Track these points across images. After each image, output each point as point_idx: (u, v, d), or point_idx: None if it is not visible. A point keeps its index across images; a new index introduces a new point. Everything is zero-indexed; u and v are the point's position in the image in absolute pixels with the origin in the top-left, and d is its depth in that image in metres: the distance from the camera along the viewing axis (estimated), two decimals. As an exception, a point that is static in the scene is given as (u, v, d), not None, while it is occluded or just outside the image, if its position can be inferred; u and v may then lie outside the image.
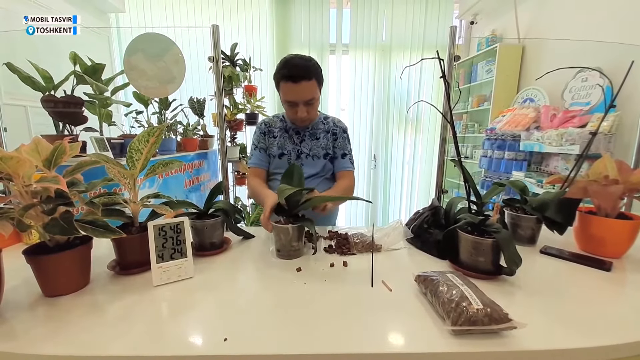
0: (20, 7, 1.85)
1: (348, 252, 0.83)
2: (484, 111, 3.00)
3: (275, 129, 1.18)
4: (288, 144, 1.16)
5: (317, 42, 3.19)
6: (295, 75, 0.98)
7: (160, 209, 0.70)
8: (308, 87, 1.00)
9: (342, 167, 1.17)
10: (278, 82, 1.03)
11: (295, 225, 0.78)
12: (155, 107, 2.08)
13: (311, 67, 1.00)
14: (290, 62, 1.01)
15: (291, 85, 0.99)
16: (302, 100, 1.03)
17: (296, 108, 1.05)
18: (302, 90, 1.00)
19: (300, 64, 1.00)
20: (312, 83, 1.01)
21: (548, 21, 2.54)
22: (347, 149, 1.19)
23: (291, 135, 1.17)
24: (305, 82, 0.99)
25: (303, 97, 1.02)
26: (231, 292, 0.64)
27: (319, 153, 1.16)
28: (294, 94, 1.01)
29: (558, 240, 0.93)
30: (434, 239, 0.83)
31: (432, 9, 3.27)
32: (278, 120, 1.21)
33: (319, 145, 1.16)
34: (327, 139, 1.17)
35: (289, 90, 1.01)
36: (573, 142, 1.93)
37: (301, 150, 1.16)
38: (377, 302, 0.60)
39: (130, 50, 0.89)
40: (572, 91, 2.21)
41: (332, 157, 1.18)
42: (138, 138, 0.70)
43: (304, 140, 1.16)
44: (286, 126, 1.18)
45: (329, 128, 1.19)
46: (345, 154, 1.18)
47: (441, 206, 0.92)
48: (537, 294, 0.64)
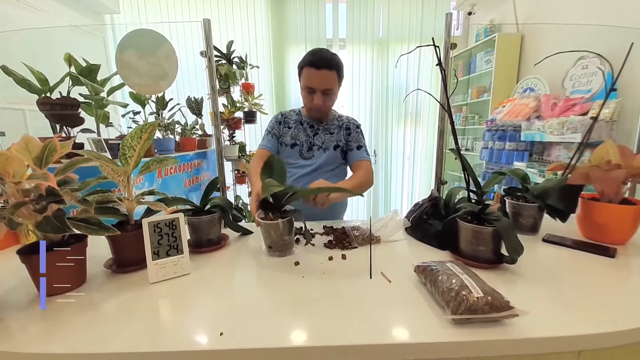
0: (14, 10, 1.84)
1: (349, 245, 0.82)
2: (483, 102, 2.97)
3: (290, 121, 1.23)
4: (301, 135, 1.20)
5: (314, 37, 3.16)
6: (318, 62, 1.03)
7: (155, 205, 0.69)
8: (328, 76, 1.05)
9: (357, 157, 1.18)
10: (301, 68, 1.08)
11: (284, 219, 0.75)
12: (153, 107, 2.07)
13: (335, 59, 1.06)
14: (316, 51, 1.07)
15: (313, 71, 1.04)
16: (320, 88, 1.07)
17: (313, 95, 1.09)
18: (322, 77, 1.05)
19: (326, 54, 1.06)
20: (332, 73, 1.06)
21: (546, 9, 2.50)
22: (362, 142, 1.22)
23: (305, 128, 1.21)
24: (327, 70, 1.04)
25: (322, 84, 1.07)
26: (228, 288, 0.64)
27: (330, 145, 1.19)
28: (314, 79, 1.06)
29: (560, 229, 0.91)
30: (434, 230, 0.82)
31: (429, 1, 3.23)
32: (294, 113, 1.25)
33: (332, 139, 1.20)
34: (340, 133, 1.21)
35: (310, 76, 1.06)
36: (575, 130, 1.91)
37: (313, 142, 1.19)
38: (376, 294, 0.59)
39: (122, 47, 0.88)
40: (573, 79, 2.18)
41: (345, 150, 1.21)
42: (131, 135, 0.69)
43: (318, 134, 1.20)
44: (301, 119, 1.22)
45: (342, 124, 1.22)
46: (361, 146, 1.20)
47: (440, 197, 0.91)
48: (539, 281, 0.63)
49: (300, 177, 1.16)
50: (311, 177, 1.14)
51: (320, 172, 1.16)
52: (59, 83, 1.53)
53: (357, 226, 0.90)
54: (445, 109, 0.77)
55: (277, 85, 3.26)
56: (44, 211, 0.55)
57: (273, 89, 3.25)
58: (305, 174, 1.16)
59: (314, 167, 1.17)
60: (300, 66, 1.09)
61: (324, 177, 1.12)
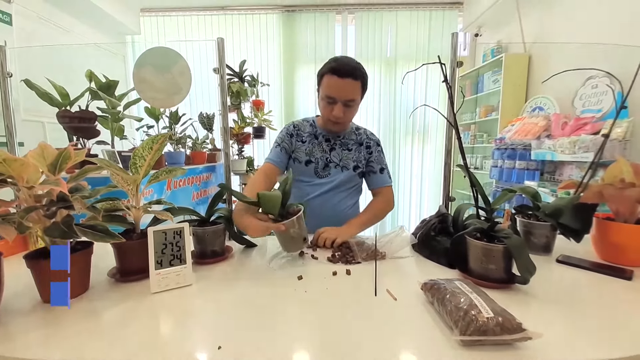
0: (42, 28, 1.98)
1: (353, 260, 0.80)
2: (492, 121, 2.97)
3: (304, 133, 1.12)
4: (317, 151, 1.10)
5: (323, 56, 3.26)
6: (342, 70, 0.95)
7: (162, 214, 0.70)
8: (352, 86, 0.97)
9: (381, 182, 1.12)
10: (322, 75, 1.00)
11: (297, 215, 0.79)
12: (166, 122, 2.14)
13: (360, 69, 0.99)
14: (340, 58, 0.99)
15: (336, 79, 0.96)
16: (342, 99, 0.98)
17: (333, 106, 1.00)
18: (345, 87, 0.96)
19: (351, 63, 0.98)
20: (356, 84, 0.98)
21: (553, 29, 2.54)
22: (384, 163, 1.14)
23: (321, 142, 1.11)
24: (351, 80, 0.96)
25: (345, 94, 0.98)
26: (229, 301, 0.63)
27: (349, 165, 1.10)
28: (336, 89, 0.97)
29: (575, 249, 0.88)
30: (442, 247, 0.79)
31: (436, 23, 3.32)
32: (308, 124, 1.15)
33: (350, 157, 1.11)
34: (360, 151, 1.12)
35: (332, 84, 0.97)
36: (587, 149, 1.87)
37: (330, 159, 1.10)
38: (381, 312, 0.57)
39: (139, 64, 0.93)
40: (583, 98, 2.17)
41: (366, 172, 1.13)
42: (142, 145, 0.71)
43: (334, 149, 1.11)
44: (316, 132, 1.12)
45: (361, 140, 1.13)
46: (383, 169, 1.13)
47: (448, 213, 0.89)
48: (553, 303, 0.60)
49: (315, 198, 1.08)
50: (326, 198, 1.07)
51: (336, 192, 1.09)
52: (79, 97, 1.61)
53: (362, 241, 0.88)
54: (452, 124, 0.77)
55: (286, 102, 3.34)
56: (53, 216, 0.56)
57: (282, 106, 3.33)
58: (320, 194, 1.07)
59: (330, 186, 1.08)
60: (322, 73, 1.00)
61: (339, 197, 1.09)
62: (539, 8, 2.64)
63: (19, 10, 1.76)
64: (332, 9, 3.22)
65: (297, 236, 0.79)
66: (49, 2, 2.00)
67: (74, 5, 2.00)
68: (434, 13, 3.32)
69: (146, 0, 2.94)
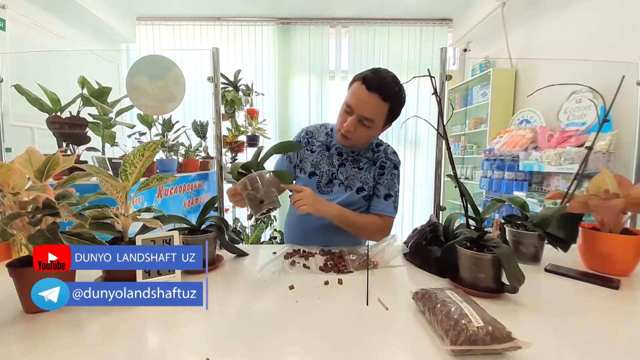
0: (36, 35, 1.97)
1: (345, 269, 0.80)
2: (481, 133, 3.04)
3: (316, 142, 1.04)
4: (324, 164, 1.01)
5: (317, 68, 3.32)
6: (373, 82, 0.86)
7: (151, 222, 0.69)
8: (375, 104, 0.87)
9: (381, 210, 0.99)
10: (354, 80, 0.92)
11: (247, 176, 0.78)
12: (159, 129, 2.13)
13: (393, 92, 0.88)
14: (379, 71, 0.91)
15: (362, 89, 0.87)
16: (359, 112, 0.89)
17: (347, 117, 0.91)
18: (368, 101, 0.87)
19: (386, 80, 0.88)
20: (382, 105, 0.88)
21: (538, 45, 2.65)
22: (393, 189, 1.01)
23: (331, 154, 1.02)
24: (377, 97, 0.86)
25: (363, 109, 0.88)
26: (219, 311, 0.61)
27: (353, 185, 0.99)
28: (357, 99, 0.89)
29: (563, 259, 0.89)
30: (433, 256, 0.80)
31: (427, 38, 3.43)
32: (324, 132, 1.06)
33: (358, 177, 1.00)
34: (370, 171, 1.01)
35: (356, 93, 0.89)
36: (572, 161, 1.93)
37: (336, 175, 1.01)
38: (372, 321, 0.57)
39: (133, 71, 0.93)
40: (567, 112, 2.24)
41: (370, 195, 1.01)
42: (133, 152, 0.71)
43: (344, 165, 1.01)
44: (330, 142, 1.03)
45: (377, 158, 1.02)
46: (390, 196, 1.00)
47: (439, 222, 0.90)
48: (542, 313, 0.60)
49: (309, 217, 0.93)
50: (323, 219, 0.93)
51: None
52: (70, 103, 1.59)
53: (355, 250, 0.88)
54: (442, 135, 0.79)
55: (280, 112, 3.37)
56: (38, 224, 0.55)
57: (276, 115, 3.35)
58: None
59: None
60: (355, 78, 0.92)
61: None
62: (525, 25, 2.76)
63: (13, 16, 1.75)
64: (327, 22, 3.29)
65: (252, 197, 0.78)
66: (44, 8, 2.00)
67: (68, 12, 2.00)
68: (425, 28, 3.43)
69: (142, 9, 2.96)
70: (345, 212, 0.95)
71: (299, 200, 0.85)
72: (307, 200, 0.85)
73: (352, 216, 0.96)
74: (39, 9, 1.99)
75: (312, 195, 0.87)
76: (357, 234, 0.99)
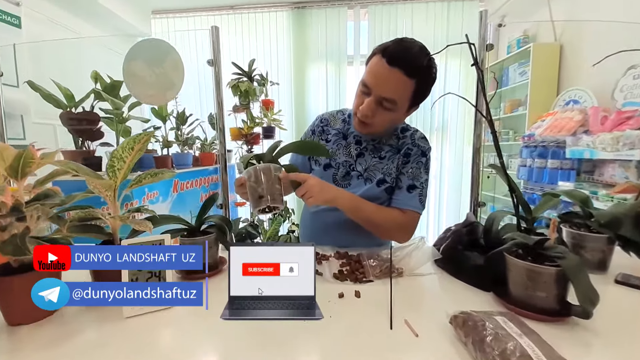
0: (51, 31, 1.98)
1: (363, 278, 0.68)
2: (518, 117, 2.74)
3: (332, 130, 0.93)
4: (341, 154, 0.90)
5: (335, 54, 3.14)
6: (396, 56, 0.70)
7: (140, 225, 0.60)
8: (398, 81, 0.71)
9: (403, 203, 0.84)
10: (372, 55, 0.76)
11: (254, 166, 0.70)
12: (173, 123, 2.10)
13: (422, 67, 0.72)
14: (403, 41, 0.74)
15: (381, 63, 0.71)
16: (378, 93, 0.74)
17: (365, 98, 0.77)
18: (388, 78, 0.71)
19: (414, 53, 0.71)
20: (407, 82, 0.72)
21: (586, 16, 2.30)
22: (419, 180, 0.85)
23: (349, 143, 0.90)
24: (400, 73, 0.70)
25: (382, 88, 0.73)
26: (215, 328, 0.52)
27: (374, 177, 0.87)
28: (375, 76, 0.73)
29: (635, 266, 0.71)
30: (472, 264, 0.66)
31: (455, 15, 3.13)
32: (340, 119, 0.94)
33: (379, 168, 0.87)
34: (394, 160, 0.87)
35: (374, 69, 0.73)
36: (632, 146, 1.65)
37: (354, 166, 0.89)
38: (398, 352, 0.45)
39: (130, 57, 0.86)
40: (624, 90, 1.94)
41: (392, 187, 0.87)
42: (122, 145, 0.63)
43: (363, 155, 0.89)
44: (347, 130, 0.92)
45: (402, 145, 0.87)
46: (414, 187, 0.84)
47: (479, 222, 0.75)
48: (621, 342, 0.46)
49: (328, 211, 0.87)
50: (338, 214, 0.83)
51: None
52: (84, 99, 1.58)
53: (376, 253, 0.76)
54: (485, 116, 0.63)
55: (296, 101, 3.25)
56: (5, 229, 0.48)
57: (293, 105, 3.24)
58: (331, 209, 0.82)
59: None
60: (373, 52, 0.76)
61: None
62: (571, -8, 2.41)
63: (28, 13, 1.75)
64: (344, 3, 3.09)
65: (253, 190, 0.69)
66: (59, 5, 2.00)
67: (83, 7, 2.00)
68: (452, 4, 3.12)
69: (157, 2, 2.94)
70: (359, 203, 0.82)
71: (304, 193, 0.73)
72: (313, 191, 0.73)
73: (368, 208, 0.82)
74: (54, 6, 1.99)
75: (318, 184, 0.74)
76: (375, 230, 0.85)
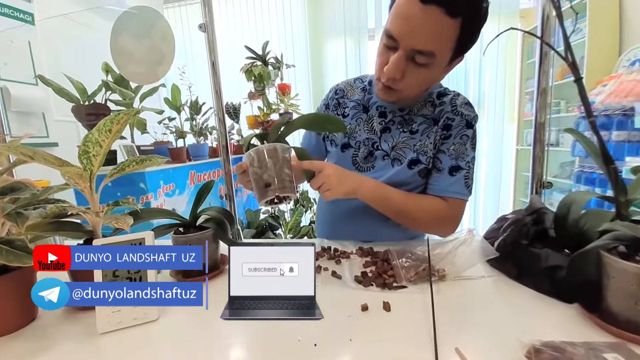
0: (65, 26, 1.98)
1: (394, 283, 0.53)
2: (571, 84, 2.35)
3: (349, 103, 0.76)
4: (361, 130, 0.73)
5: (354, 28, 2.90)
6: None
7: (119, 221, 0.50)
8: (437, 24, 0.52)
9: (443, 189, 0.68)
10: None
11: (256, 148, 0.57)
12: (187, 113, 2.04)
13: (468, 2, 0.52)
14: None
15: (412, 2, 0.52)
16: (408, 44, 0.55)
17: (390, 54, 0.58)
18: (422, 21, 0.52)
19: None
20: (449, 24, 0.53)
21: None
22: (464, 159, 0.68)
23: (371, 117, 0.73)
24: (439, 11, 0.51)
25: (415, 36, 0.54)
26: (208, 347, 0.41)
27: (404, 157, 0.70)
28: (404, 21, 0.54)
29: None
30: (544, 265, 0.49)
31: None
32: (359, 88, 0.77)
33: (410, 145, 0.70)
34: (430, 135, 0.69)
35: (402, 11, 0.54)
36: None
37: (378, 144, 0.72)
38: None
39: (116, 31, 0.76)
40: None
41: (428, 169, 0.70)
42: (98, 127, 0.52)
43: (388, 130, 0.72)
44: (368, 100, 0.75)
45: (439, 115, 0.69)
46: (459, 168, 0.67)
47: (547, 208, 0.57)
48: None
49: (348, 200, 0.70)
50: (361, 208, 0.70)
51: None
52: (97, 92, 1.56)
53: (408, 250, 0.60)
54: (569, 61, 0.45)
55: (314, 84, 3.07)
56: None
57: (310, 88, 3.07)
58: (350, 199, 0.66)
59: None
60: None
61: None
62: None
63: (41, 10, 1.74)
64: (363, -28, 2.82)
65: (257, 178, 0.56)
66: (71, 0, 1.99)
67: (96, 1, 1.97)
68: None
69: (169, -8, 2.88)
70: (388, 192, 0.67)
71: (320, 184, 0.59)
72: (330, 182, 0.59)
73: (399, 198, 0.66)
74: (66, 1, 1.98)
75: (336, 173, 0.60)
76: (410, 224, 0.70)
